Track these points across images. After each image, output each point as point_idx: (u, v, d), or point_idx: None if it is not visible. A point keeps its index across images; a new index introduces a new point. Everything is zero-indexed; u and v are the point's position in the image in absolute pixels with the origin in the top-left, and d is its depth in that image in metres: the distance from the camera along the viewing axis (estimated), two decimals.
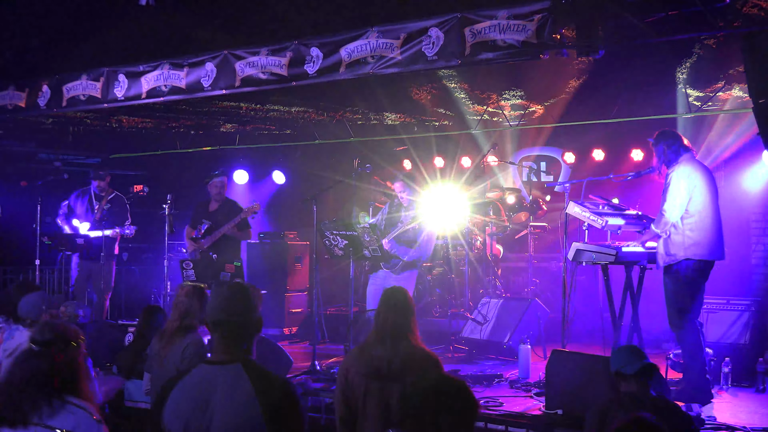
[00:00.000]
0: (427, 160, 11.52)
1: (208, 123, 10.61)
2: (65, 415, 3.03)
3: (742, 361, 6.57)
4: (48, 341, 3.16)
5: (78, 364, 3.22)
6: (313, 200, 7.19)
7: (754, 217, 8.71)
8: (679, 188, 5.76)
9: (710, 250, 5.77)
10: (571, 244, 6.22)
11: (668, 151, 5.92)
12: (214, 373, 2.86)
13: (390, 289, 4.28)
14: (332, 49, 6.51)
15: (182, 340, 4.68)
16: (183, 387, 2.87)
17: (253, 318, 2.98)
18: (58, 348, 3.15)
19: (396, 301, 4.13)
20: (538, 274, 9.70)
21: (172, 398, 2.86)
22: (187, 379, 2.89)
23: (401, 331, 4.05)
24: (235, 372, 2.84)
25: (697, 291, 5.82)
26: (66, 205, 9.24)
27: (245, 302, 2.96)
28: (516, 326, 7.83)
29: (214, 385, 2.82)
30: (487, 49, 5.77)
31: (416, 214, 7.42)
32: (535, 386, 6.24)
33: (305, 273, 10.25)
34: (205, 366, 2.92)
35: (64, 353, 3.16)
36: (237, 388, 2.81)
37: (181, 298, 4.83)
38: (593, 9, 5.36)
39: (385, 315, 4.10)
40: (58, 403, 3.04)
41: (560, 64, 7.16)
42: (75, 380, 3.15)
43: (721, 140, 8.77)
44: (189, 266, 7.42)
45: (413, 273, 7.46)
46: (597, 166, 9.86)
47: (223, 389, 2.81)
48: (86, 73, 8.08)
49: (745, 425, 5.14)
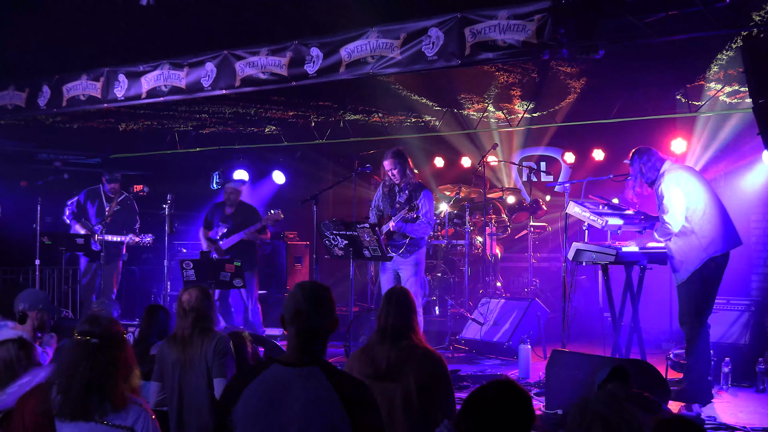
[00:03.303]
0: (427, 160, 11.53)
1: (208, 123, 10.62)
2: (125, 412, 3.04)
3: (742, 361, 6.57)
4: (102, 334, 3.13)
5: (132, 358, 3.23)
6: (313, 200, 7.18)
7: (754, 217, 8.71)
8: (675, 196, 5.77)
9: (725, 243, 5.78)
10: (571, 244, 6.22)
11: (644, 168, 5.95)
12: (291, 374, 2.80)
13: (391, 289, 4.28)
14: (332, 49, 6.51)
15: (209, 337, 4.60)
16: (258, 388, 2.80)
17: (332, 318, 2.94)
18: (114, 341, 3.15)
19: (396, 299, 4.13)
20: (538, 274, 9.71)
21: (244, 399, 2.80)
22: (261, 380, 2.82)
23: (402, 330, 4.04)
24: (314, 374, 2.80)
25: (713, 290, 5.83)
26: (75, 203, 9.14)
27: (329, 300, 2.94)
28: (516, 326, 7.83)
29: (293, 386, 2.77)
30: (487, 49, 5.77)
31: (411, 187, 7.21)
32: (535, 386, 6.24)
33: (305, 273, 10.25)
34: (280, 366, 2.85)
35: (121, 347, 3.17)
36: (318, 391, 2.76)
37: (194, 302, 4.73)
38: (593, 9, 5.36)
39: (386, 314, 4.10)
40: (125, 399, 3.06)
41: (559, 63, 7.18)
42: (130, 375, 3.16)
43: (720, 140, 8.77)
44: (189, 266, 7.42)
45: (421, 252, 7.25)
46: (597, 166, 9.86)
47: (303, 391, 2.76)
48: (86, 73, 8.08)
49: (745, 425, 5.14)
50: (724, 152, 8.82)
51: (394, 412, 3.89)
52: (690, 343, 5.85)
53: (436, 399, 3.94)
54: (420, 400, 3.88)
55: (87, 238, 8.68)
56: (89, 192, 9.23)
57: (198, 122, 10.58)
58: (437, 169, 11.56)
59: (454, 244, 9.49)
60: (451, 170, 11.45)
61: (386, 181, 7.29)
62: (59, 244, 8.76)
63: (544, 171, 10.97)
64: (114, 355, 3.12)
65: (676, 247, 5.82)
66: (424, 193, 7.07)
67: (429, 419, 3.88)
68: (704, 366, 5.77)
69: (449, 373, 4.11)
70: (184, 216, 10.93)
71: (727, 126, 8.69)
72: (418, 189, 7.10)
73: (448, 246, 9.52)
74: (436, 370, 3.98)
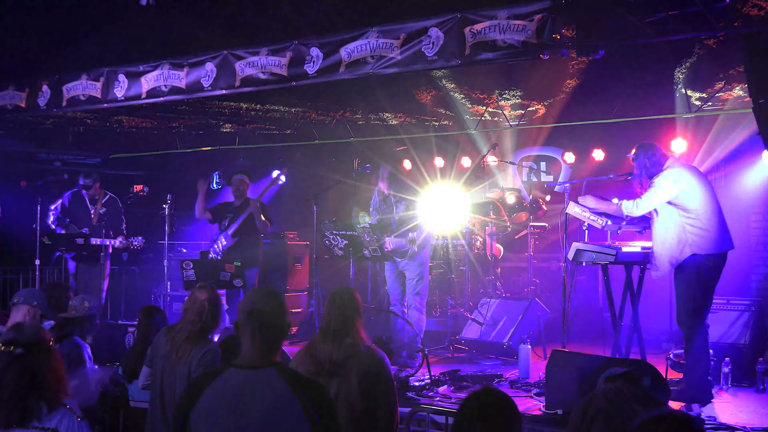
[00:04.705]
0: (427, 160, 11.52)
1: (208, 123, 10.62)
2: (55, 415, 3.10)
3: (742, 361, 6.57)
4: (25, 342, 3.17)
5: (59, 363, 3.26)
6: (313, 200, 7.19)
7: (754, 217, 8.71)
8: (663, 190, 5.79)
9: (716, 243, 5.78)
10: (571, 244, 6.22)
11: (649, 163, 5.97)
12: (248, 377, 2.82)
13: (336, 289, 4.33)
14: (332, 49, 6.51)
15: (201, 344, 4.61)
16: (214, 390, 2.81)
17: (286, 322, 2.97)
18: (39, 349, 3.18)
19: (340, 300, 4.19)
20: (538, 274, 9.70)
21: (202, 402, 2.80)
22: (219, 382, 2.83)
23: (344, 329, 4.10)
24: (271, 376, 2.81)
25: (710, 290, 5.82)
26: (59, 207, 9.11)
27: (282, 302, 2.99)
28: (516, 326, 7.83)
29: (251, 389, 2.78)
30: (487, 49, 5.77)
31: (406, 206, 7.38)
32: (535, 386, 6.24)
33: (305, 273, 10.25)
34: (235, 370, 2.86)
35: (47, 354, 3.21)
36: (276, 393, 2.78)
37: (203, 303, 4.73)
38: (593, 9, 5.36)
39: (329, 313, 4.16)
40: (52, 403, 3.11)
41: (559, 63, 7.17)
42: (60, 380, 3.20)
43: (721, 140, 8.77)
44: (189, 266, 7.42)
45: (425, 253, 7.50)
46: (597, 166, 9.86)
47: (262, 394, 2.77)
48: (86, 73, 8.07)
49: (745, 425, 5.14)
50: (724, 152, 8.82)
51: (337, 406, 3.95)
52: (688, 343, 5.86)
53: (378, 396, 4.02)
54: (362, 394, 3.97)
55: (87, 238, 8.68)
56: (73, 195, 9.17)
57: (198, 122, 10.58)
58: (437, 169, 11.55)
59: (454, 244, 9.49)
60: (451, 170, 11.44)
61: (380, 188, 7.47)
62: (59, 244, 8.77)
63: (544, 171, 10.97)
64: (40, 363, 3.16)
65: (662, 241, 5.83)
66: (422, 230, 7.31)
67: (371, 416, 3.98)
68: (704, 366, 5.76)
69: (390, 372, 4.17)
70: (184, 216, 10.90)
71: (727, 126, 8.69)
72: (409, 205, 7.33)
73: (448, 246, 9.51)
74: (377, 368, 4.05)
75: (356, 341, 4.09)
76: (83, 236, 8.69)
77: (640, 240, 6.34)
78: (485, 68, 7.19)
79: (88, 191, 9.08)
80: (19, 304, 4.83)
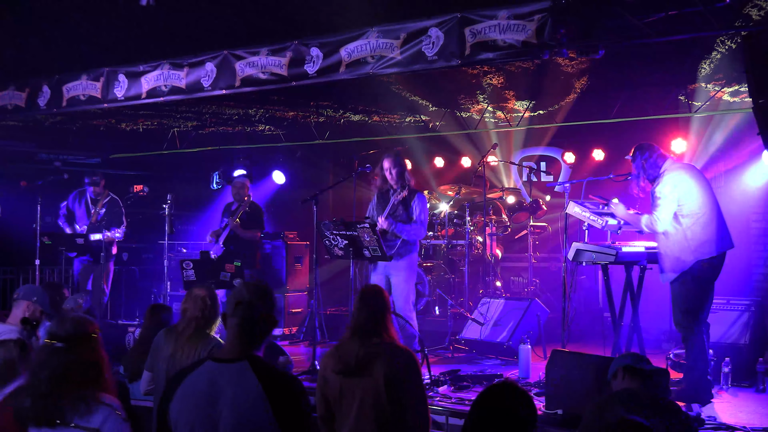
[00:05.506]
0: (427, 160, 11.53)
1: (208, 123, 10.62)
2: (96, 413, 2.99)
3: (742, 361, 6.56)
4: (71, 336, 3.09)
5: (102, 357, 3.17)
6: (313, 200, 7.17)
7: (754, 217, 8.71)
8: (669, 199, 5.76)
9: (717, 245, 5.77)
10: (571, 244, 6.22)
11: (646, 164, 5.93)
12: (221, 370, 2.86)
13: (365, 288, 4.30)
14: (332, 49, 6.51)
15: (206, 340, 4.60)
16: (190, 384, 2.86)
17: (272, 311, 3.00)
18: (83, 342, 3.10)
19: (369, 298, 4.16)
20: (538, 274, 9.70)
21: (178, 395, 2.86)
22: (194, 375, 2.88)
23: (373, 328, 4.07)
24: (242, 369, 2.85)
25: (708, 291, 5.81)
26: (65, 207, 9.27)
27: (270, 294, 3.02)
28: (516, 326, 7.83)
29: (222, 382, 2.83)
30: (487, 49, 5.77)
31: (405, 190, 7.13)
32: (535, 386, 6.23)
33: (305, 273, 10.25)
34: (212, 363, 2.91)
35: (90, 347, 3.12)
36: (245, 386, 2.81)
37: (204, 299, 4.73)
38: (593, 9, 5.36)
39: (359, 312, 4.13)
40: (92, 401, 3.00)
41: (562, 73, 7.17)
42: (100, 375, 3.11)
43: (720, 140, 8.77)
44: (189, 266, 7.42)
45: (412, 258, 7.08)
46: (597, 166, 9.86)
47: (231, 387, 2.81)
48: (86, 73, 8.08)
49: (745, 425, 5.13)
50: (724, 152, 8.82)
51: (364, 407, 3.92)
52: (686, 343, 5.86)
53: (405, 393, 3.96)
54: (389, 395, 3.91)
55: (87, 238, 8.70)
56: (75, 195, 9.30)
57: (198, 122, 10.58)
58: (437, 169, 11.55)
59: (454, 244, 9.49)
60: (451, 170, 11.45)
61: (380, 185, 7.21)
62: (59, 244, 8.79)
63: (544, 171, 10.96)
64: (81, 357, 3.07)
65: (665, 247, 5.82)
66: (418, 195, 7.04)
67: (398, 414, 3.92)
68: (703, 366, 5.76)
69: (420, 374, 4.12)
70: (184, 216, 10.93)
71: (727, 126, 8.69)
72: (411, 192, 7.07)
73: (448, 246, 9.52)
74: (404, 365, 4.00)
75: (384, 340, 4.06)
76: (83, 236, 8.70)
77: (641, 240, 6.35)
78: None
79: (91, 189, 9.12)
80: (19, 300, 4.86)
